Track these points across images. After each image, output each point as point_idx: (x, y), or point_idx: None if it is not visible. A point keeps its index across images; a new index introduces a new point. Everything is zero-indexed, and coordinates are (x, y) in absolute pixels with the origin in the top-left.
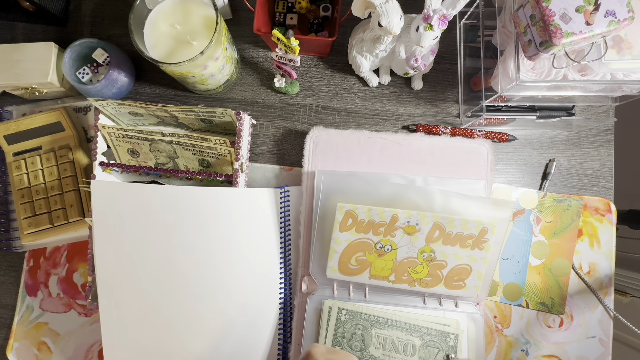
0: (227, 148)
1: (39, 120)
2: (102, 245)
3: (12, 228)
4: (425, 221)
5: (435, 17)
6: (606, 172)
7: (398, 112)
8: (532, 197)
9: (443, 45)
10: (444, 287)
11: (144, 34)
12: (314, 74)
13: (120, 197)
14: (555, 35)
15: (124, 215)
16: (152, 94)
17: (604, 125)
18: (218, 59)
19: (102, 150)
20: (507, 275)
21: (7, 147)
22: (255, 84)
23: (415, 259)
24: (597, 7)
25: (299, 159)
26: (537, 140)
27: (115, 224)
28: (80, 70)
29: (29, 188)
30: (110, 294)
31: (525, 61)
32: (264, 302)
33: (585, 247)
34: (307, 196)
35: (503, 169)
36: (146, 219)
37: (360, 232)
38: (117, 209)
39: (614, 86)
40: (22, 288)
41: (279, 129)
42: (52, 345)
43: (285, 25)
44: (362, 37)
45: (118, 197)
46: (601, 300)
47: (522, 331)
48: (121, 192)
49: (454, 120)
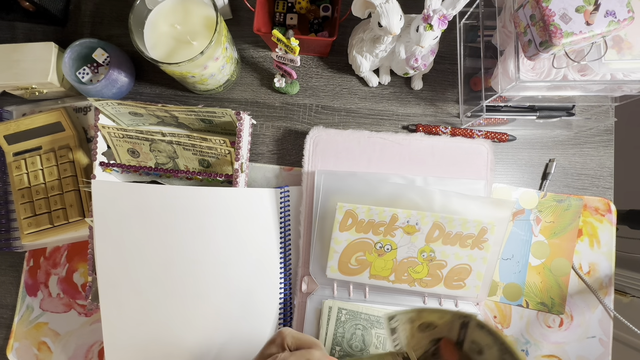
0: (227, 148)
1: (39, 120)
2: (102, 245)
3: (12, 228)
4: (424, 221)
5: (435, 17)
6: (606, 172)
7: (398, 112)
8: (532, 197)
9: (443, 45)
10: (444, 287)
11: (144, 34)
12: (314, 74)
13: (120, 197)
14: (555, 35)
15: (125, 215)
16: (152, 94)
17: (604, 125)
18: (218, 59)
19: (102, 150)
20: (507, 275)
21: (7, 147)
22: (255, 84)
23: (415, 258)
24: (597, 7)
25: (299, 159)
26: (537, 140)
27: (116, 224)
28: (80, 70)
29: (29, 188)
30: (112, 294)
31: (525, 61)
32: (264, 302)
33: (585, 247)
34: (307, 196)
35: (503, 169)
36: (146, 219)
37: (360, 232)
38: (118, 208)
39: (614, 86)
40: (22, 288)
41: (279, 129)
42: (52, 345)
43: (285, 25)
44: (362, 37)
45: (118, 197)
46: (601, 300)
47: (522, 331)
48: (121, 192)
49: (454, 120)
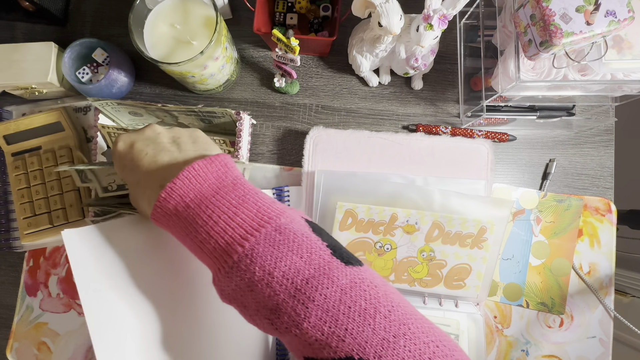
0: (227, 148)
1: (38, 120)
2: (88, 294)
3: (12, 228)
4: (424, 220)
5: (436, 17)
6: (606, 172)
7: (398, 112)
8: (532, 197)
9: (443, 45)
10: (444, 286)
11: (144, 33)
12: (314, 74)
13: (99, 239)
14: (556, 35)
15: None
16: (152, 94)
17: (604, 125)
18: (218, 59)
19: (102, 150)
20: (507, 275)
21: (6, 147)
22: (255, 84)
23: (415, 258)
24: (597, 7)
25: (299, 159)
26: (537, 140)
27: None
28: (80, 70)
29: (29, 188)
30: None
31: (525, 61)
32: None
33: (586, 247)
34: (307, 196)
35: (503, 169)
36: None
37: (360, 232)
38: (98, 253)
39: (614, 86)
40: (22, 288)
41: (279, 129)
42: (52, 345)
43: (285, 25)
44: (362, 37)
45: (98, 239)
46: (601, 300)
47: (522, 331)
48: (96, 235)
49: (454, 120)
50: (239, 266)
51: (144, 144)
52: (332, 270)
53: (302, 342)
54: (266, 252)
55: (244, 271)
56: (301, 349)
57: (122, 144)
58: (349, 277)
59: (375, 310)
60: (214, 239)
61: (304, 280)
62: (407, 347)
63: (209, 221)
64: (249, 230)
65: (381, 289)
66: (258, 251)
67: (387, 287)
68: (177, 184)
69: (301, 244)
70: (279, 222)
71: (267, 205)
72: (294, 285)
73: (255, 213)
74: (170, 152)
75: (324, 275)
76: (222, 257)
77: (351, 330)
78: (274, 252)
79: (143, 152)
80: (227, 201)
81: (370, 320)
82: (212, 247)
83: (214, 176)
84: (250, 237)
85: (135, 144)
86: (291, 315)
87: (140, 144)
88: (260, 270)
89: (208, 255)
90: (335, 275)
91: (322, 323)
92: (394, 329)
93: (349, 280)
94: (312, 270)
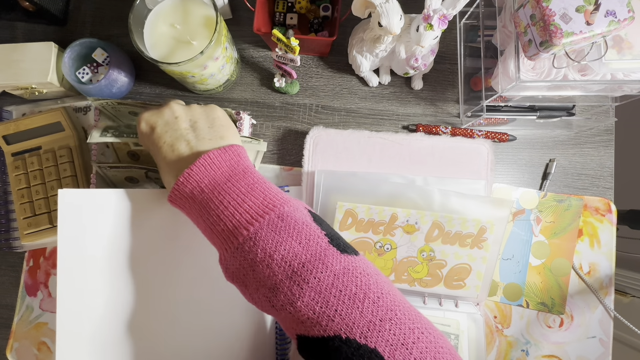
0: None
1: (38, 120)
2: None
3: (11, 228)
4: (424, 220)
5: (436, 17)
6: (606, 172)
7: (398, 112)
8: (532, 197)
9: (443, 45)
10: (444, 286)
11: (144, 33)
12: (314, 74)
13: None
14: (556, 35)
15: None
16: (152, 94)
17: (604, 125)
18: (218, 59)
19: (102, 150)
20: (507, 275)
21: (6, 148)
22: (255, 84)
23: (415, 258)
24: (597, 7)
25: (299, 158)
26: (537, 140)
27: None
28: (80, 70)
29: (29, 188)
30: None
31: (525, 61)
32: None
33: (586, 247)
34: (307, 196)
35: (503, 169)
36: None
37: (360, 231)
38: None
39: (614, 86)
40: (22, 288)
41: (279, 129)
42: (52, 345)
43: (285, 25)
44: (362, 37)
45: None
46: (601, 300)
47: (522, 331)
48: (94, 199)
49: (454, 120)
50: (243, 247)
51: (162, 130)
52: (327, 257)
53: (295, 320)
54: (268, 236)
55: (247, 252)
56: (294, 327)
57: (144, 125)
58: (343, 264)
59: (364, 296)
60: (223, 221)
61: (300, 264)
62: (392, 330)
63: (220, 206)
64: (254, 216)
65: (373, 277)
66: (261, 235)
67: (379, 277)
68: (194, 170)
69: (301, 231)
70: (283, 210)
71: (273, 194)
72: (291, 268)
73: (261, 201)
74: (187, 142)
75: (319, 260)
76: (229, 238)
77: (340, 311)
78: (275, 237)
79: (162, 140)
80: (237, 188)
81: (359, 303)
82: (220, 228)
83: (227, 164)
84: (254, 222)
85: (156, 129)
86: (287, 294)
87: (159, 129)
88: (262, 253)
89: (217, 236)
90: (330, 262)
91: (314, 303)
92: (381, 313)
93: (343, 267)
94: (308, 255)
